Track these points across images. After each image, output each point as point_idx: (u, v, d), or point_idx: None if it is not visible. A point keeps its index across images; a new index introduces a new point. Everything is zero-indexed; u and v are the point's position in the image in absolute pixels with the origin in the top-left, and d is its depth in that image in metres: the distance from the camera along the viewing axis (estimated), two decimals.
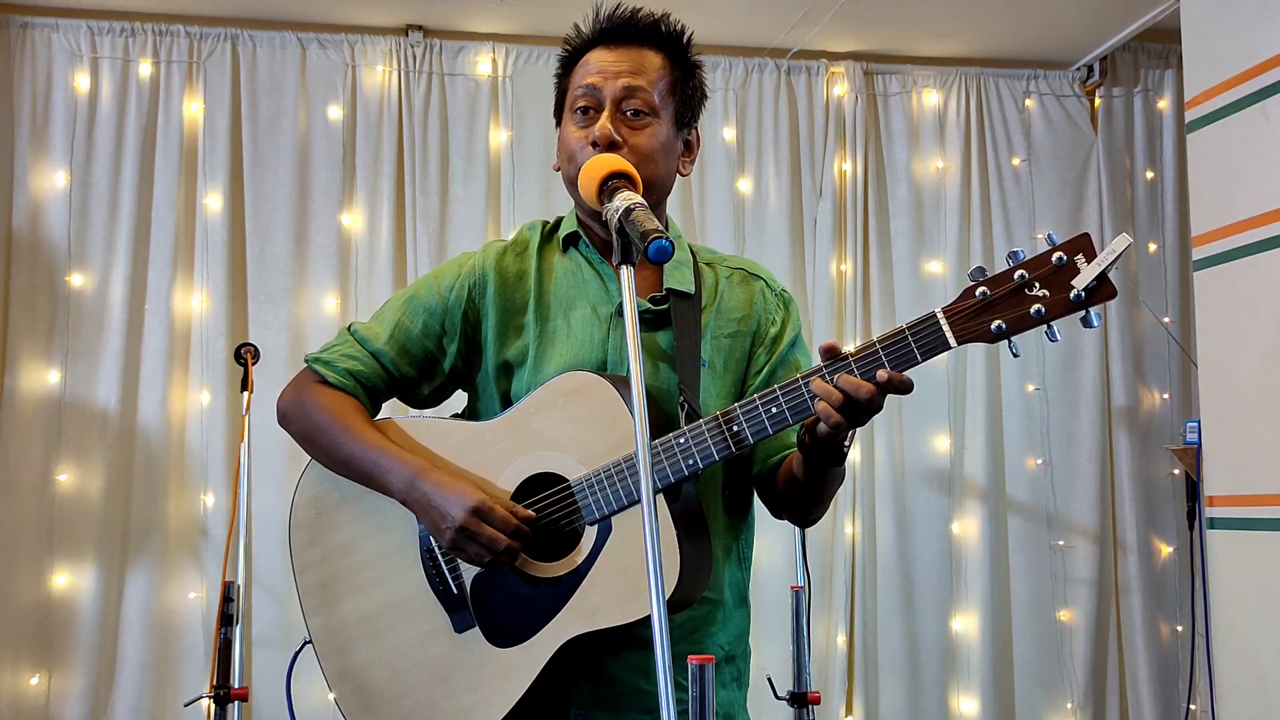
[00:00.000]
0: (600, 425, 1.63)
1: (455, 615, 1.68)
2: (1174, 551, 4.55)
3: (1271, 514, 3.25)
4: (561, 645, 1.61)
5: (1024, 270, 1.43)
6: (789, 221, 4.50)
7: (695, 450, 1.56)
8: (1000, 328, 1.43)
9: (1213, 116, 3.47)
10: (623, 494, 1.59)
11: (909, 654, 4.38)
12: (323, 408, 1.76)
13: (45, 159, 4.12)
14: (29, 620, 3.93)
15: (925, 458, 4.48)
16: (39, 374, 4.04)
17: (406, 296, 1.83)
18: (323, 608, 1.78)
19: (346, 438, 1.73)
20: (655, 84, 1.74)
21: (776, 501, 1.78)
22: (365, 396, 1.80)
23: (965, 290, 1.46)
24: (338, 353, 1.80)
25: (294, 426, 1.80)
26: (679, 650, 1.68)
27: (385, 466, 1.69)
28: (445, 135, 4.34)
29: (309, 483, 1.82)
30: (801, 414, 1.52)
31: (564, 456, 1.64)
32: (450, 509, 1.61)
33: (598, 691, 1.69)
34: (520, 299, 1.78)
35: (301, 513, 1.81)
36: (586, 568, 1.61)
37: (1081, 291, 1.41)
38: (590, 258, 1.80)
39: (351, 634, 1.75)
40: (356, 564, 1.76)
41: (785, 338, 1.81)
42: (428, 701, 1.69)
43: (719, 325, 1.77)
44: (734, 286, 1.81)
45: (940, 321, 1.46)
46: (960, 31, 4.53)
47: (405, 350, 1.79)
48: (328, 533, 1.79)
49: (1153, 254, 4.67)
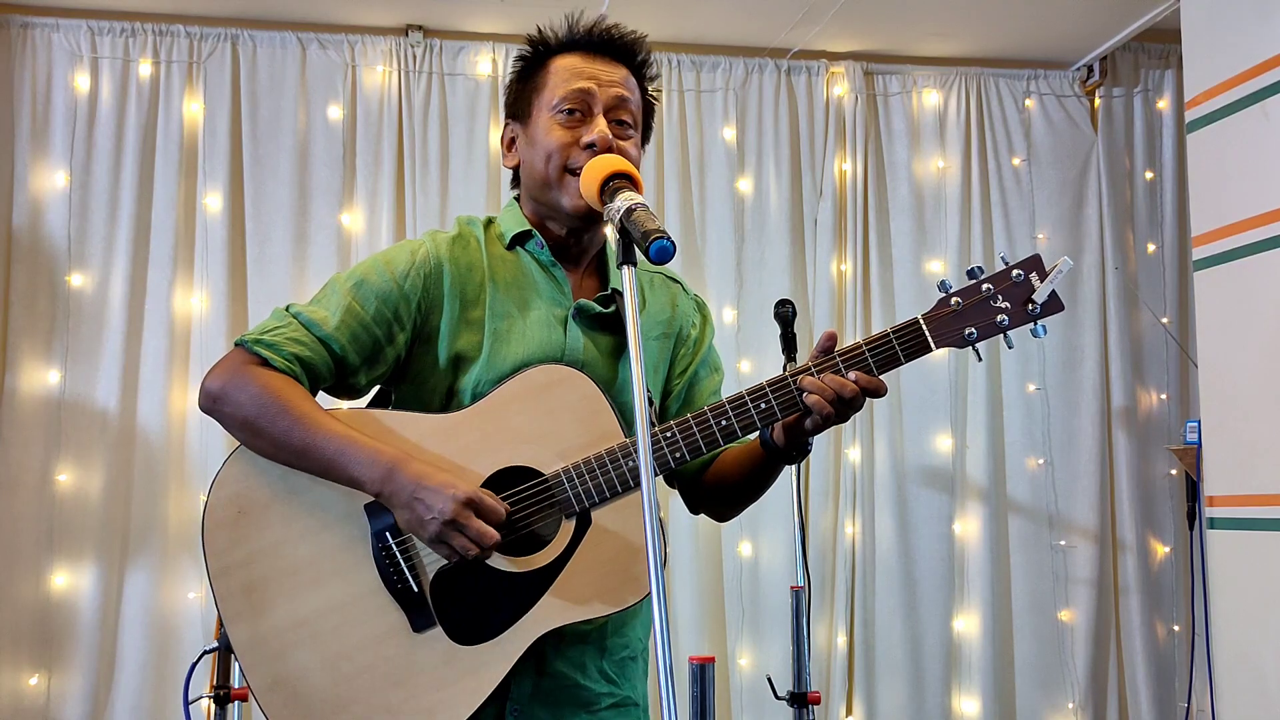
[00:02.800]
0: (579, 419, 1.63)
1: (414, 614, 1.62)
2: (1172, 551, 4.55)
3: (1271, 514, 3.25)
4: (539, 638, 1.61)
5: (990, 284, 1.63)
6: (789, 221, 4.50)
7: (683, 443, 1.62)
8: (971, 334, 1.63)
9: (1213, 116, 3.47)
10: (605, 486, 1.61)
11: (909, 654, 4.37)
12: (270, 390, 1.63)
13: (45, 159, 4.12)
14: (29, 620, 3.92)
15: (926, 458, 4.48)
16: (39, 374, 4.04)
17: (355, 281, 1.73)
18: (248, 613, 1.65)
19: (303, 425, 1.61)
20: (635, 100, 1.78)
21: (701, 498, 1.86)
22: (307, 383, 1.69)
23: (940, 300, 1.64)
24: (281, 335, 1.69)
25: (228, 410, 1.65)
26: (610, 643, 1.75)
27: (353, 457, 1.59)
28: (445, 135, 4.34)
29: (230, 479, 1.68)
30: (789, 409, 1.62)
31: (540, 450, 1.63)
32: (438, 501, 1.54)
33: (537, 686, 1.69)
34: (472, 292, 1.75)
35: (220, 511, 1.67)
36: (564, 560, 1.61)
37: (1038, 306, 1.62)
38: (540, 258, 1.78)
39: (285, 640, 1.64)
40: (290, 565, 1.65)
41: (706, 339, 1.91)
42: (382, 706, 1.61)
43: (648, 328, 1.82)
44: (655, 290, 1.87)
45: (922, 327, 1.63)
46: (960, 31, 4.53)
47: (355, 337, 1.70)
48: (254, 533, 1.66)
49: (1152, 254, 4.67)
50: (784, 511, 3.79)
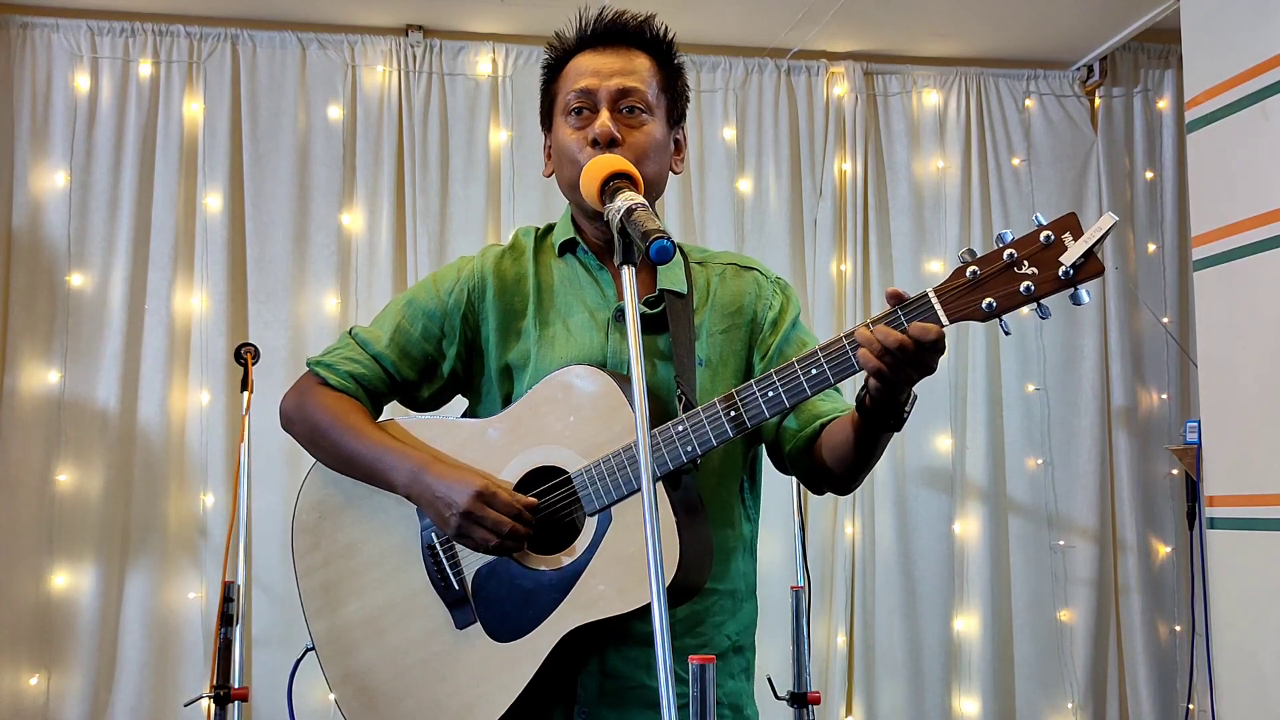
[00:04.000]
0: (599, 417, 1.64)
1: (456, 611, 1.69)
2: (1172, 551, 4.55)
3: (1271, 514, 3.25)
4: (563, 636, 1.61)
5: (1013, 250, 1.44)
6: (789, 221, 4.50)
7: (694, 437, 1.58)
8: (991, 305, 1.45)
9: (1213, 116, 3.47)
10: (622, 484, 1.60)
11: (909, 654, 4.37)
12: (325, 409, 1.79)
13: (45, 159, 4.12)
14: (28, 620, 3.92)
15: (926, 457, 4.48)
16: (39, 374, 4.04)
17: (406, 300, 1.85)
18: (326, 611, 1.78)
19: (349, 437, 1.75)
20: (648, 82, 1.75)
21: (816, 472, 1.76)
22: (367, 399, 1.82)
23: (955, 270, 1.47)
24: (339, 356, 1.83)
25: (297, 428, 1.83)
26: (683, 644, 1.69)
27: (389, 463, 1.71)
28: (445, 135, 4.34)
29: (313, 486, 1.82)
30: (797, 395, 1.54)
31: (564, 449, 1.65)
32: (454, 496, 1.63)
33: (602, 687, 1.69)
34: (519, 303, 1.79)
35: (305, 516, 1.82)
36: (587, 558, 1.62)
37: (1069, 268, 1.42)
38: (587, 263, 1.80)
39: (354, 636, 1.75)
40: (360, 565, 1.77)
41: (787, 318, 1.82)
42: (430, 700, 1.69)
43: (714, 323, 1.79)
44: (726, 282, 1.83)
45: (932, 300, 1.49)
46: (960, 31, 4.53)
47: (405, 353, 1.82)
48: (331, 535, 1.79)
49: (1152, 254, 4.67)
50: (784, 511, 3.78)
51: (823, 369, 1.53)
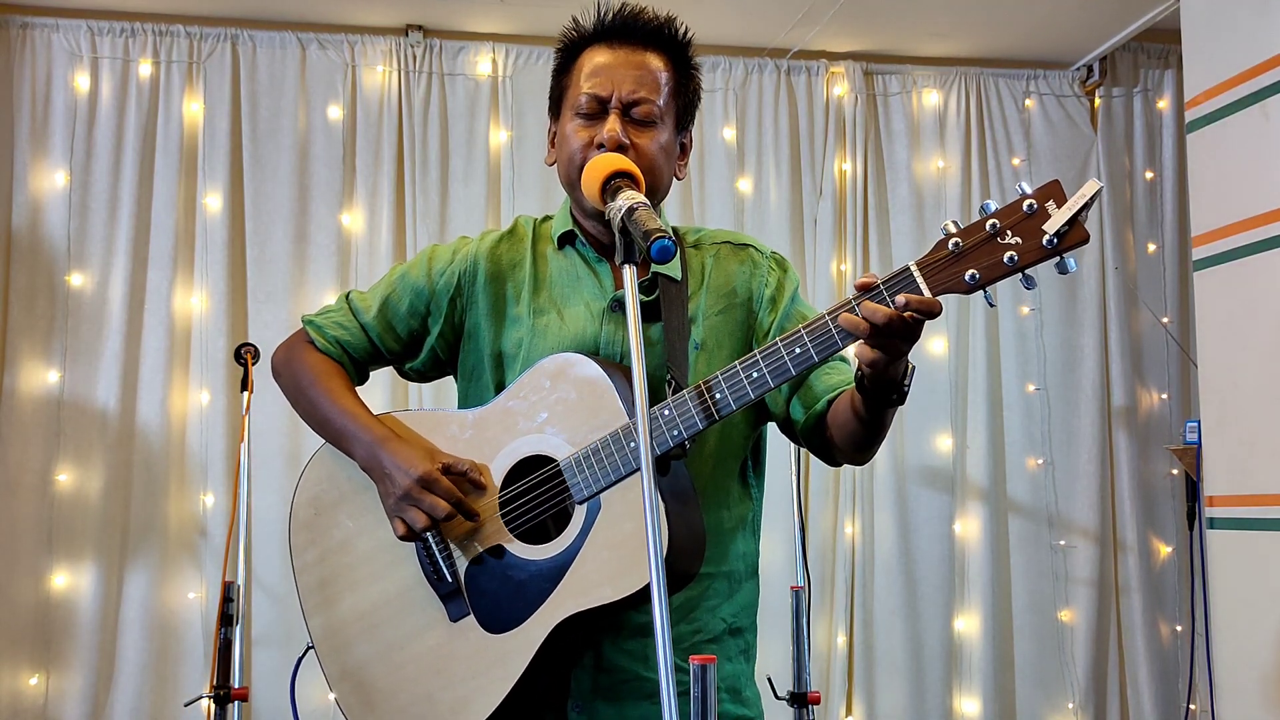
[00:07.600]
0: (585, 404, 1.64)
1: (450, 604, 1.69)
2: (1173, 551, 4.55)
3: (1271, 514, 3.25)
4: (555, 626, 1.60)
5: (995, 220, 1.41)
6: (789, 221, 4.50)
7: (680, 421, 1.56)
8: (974, 277, 1.42)
9: (1213, 116, 3.47)
10: (610, 470, 1.59)
11: (909, 654, 4.37)
12: (309, 368, 1.84)
13: (45, 159, 4.12)
14: (28, 620, 3.92)
15: (926, 457, 4.47)
16: (38, 374, 4.03)
17: (401, 272, 1.87)
18: (322, 607, 1.78)
19: (326, 399, 1.80)
20: (660, 89, 1.75)
21: (829, 448, 1.74)
22: (350, 365, 1.87)
23: (938, 243, 1.44)
24: (330, 319, 1.88)
25: (283, 381, 1.89)
26: (678, 631, 1.69)
27: (351, 432, 1.76)
28: (445, 135, 4.34)
29: (309, 482, 1.83)
30: (781, 376, 1.51)
31: (553, 437, 1.65)
32: (398, 475, 1.67)
33: (596, 681, 1.69)
34: (513, 290, 1.80)
35: (301, 512, 1.82)
36: (577, 547, 1.61)
37: (1053, 236, 1.39)
38: (585, 255, 1.81)
39: (350, 632, 1.75)
40: (353, 561, 1.76)
41: (785, 294, 1.81)
42: (424, 694, 1.68)
43: (709, 305, 1.77)
44: (721, 262, 1.81)
45: (914, 274, 1.44)
46: (960, 31, 4.53)
47: (390, 326, 1.86)
48: (326, 531, 1.79)
49: (1152, 254, 4.67)
50: (784, 511, 3.78)
51: (806, 348, 1.50)
